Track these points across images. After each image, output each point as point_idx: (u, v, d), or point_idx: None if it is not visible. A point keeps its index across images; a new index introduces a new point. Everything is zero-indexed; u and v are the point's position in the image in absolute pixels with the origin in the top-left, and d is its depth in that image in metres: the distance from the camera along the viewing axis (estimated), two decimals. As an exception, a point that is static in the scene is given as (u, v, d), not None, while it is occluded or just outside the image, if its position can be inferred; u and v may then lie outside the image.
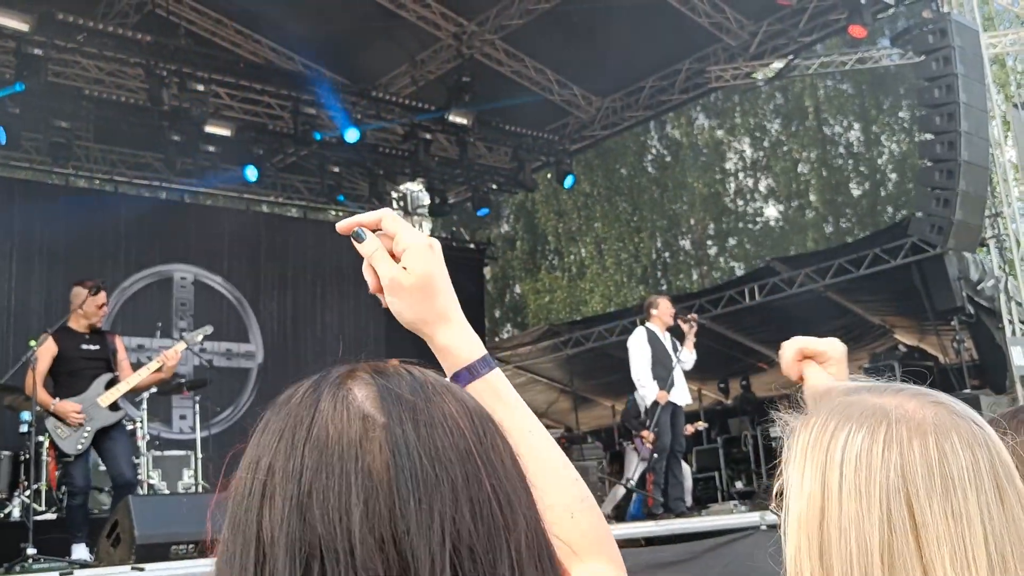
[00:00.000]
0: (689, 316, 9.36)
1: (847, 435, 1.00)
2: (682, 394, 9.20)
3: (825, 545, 0.98)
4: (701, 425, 12.93)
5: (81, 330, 7.12)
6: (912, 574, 0.93)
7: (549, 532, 0.88)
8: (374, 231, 1.16)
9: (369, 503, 0.77)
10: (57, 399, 6.84)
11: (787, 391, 1.37)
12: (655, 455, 9.01)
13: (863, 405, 1.03)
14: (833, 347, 1.48)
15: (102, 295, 7.20)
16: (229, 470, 0.86)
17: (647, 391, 8.99)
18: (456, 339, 1.16)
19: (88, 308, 7.08)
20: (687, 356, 9.21)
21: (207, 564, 0.87)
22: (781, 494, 1.06)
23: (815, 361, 1.48)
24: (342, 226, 1.17)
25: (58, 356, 6.96)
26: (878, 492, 0.96)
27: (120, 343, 7.35)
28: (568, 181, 14.90)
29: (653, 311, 9.31)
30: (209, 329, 7.61)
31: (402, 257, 1.14)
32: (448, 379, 1.10)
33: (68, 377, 7.00)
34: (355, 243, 1.16)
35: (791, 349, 1.49)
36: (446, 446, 0.81)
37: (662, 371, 8.98)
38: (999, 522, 0.94)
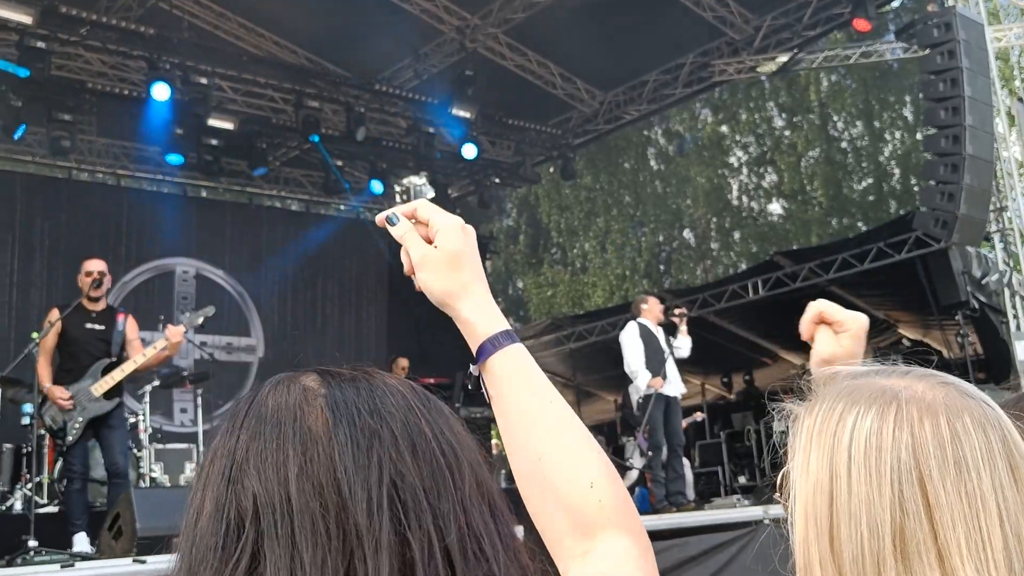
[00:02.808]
0: (677, 311, 9.49)
1: (855, 417, 0.98)
2: (675, 385, 9.23)
3: (835, 530, 0.96)
4: (699, 416, 12.89)
5: (88, 307, 7.13)
6: (926, 556, 0.92)
7: (501, 494, 0.92)
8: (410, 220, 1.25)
9: (307, 454, 0.82)
10: (47, 385, 6.85)
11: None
12: (650, 452, 9.03)
13: (871, 387, 1.01)
14: (853, 319, 1.45)
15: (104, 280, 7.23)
16: None
17: (640, 380, 9.03)
18: (479, 313, 1.20)
19: (85, 290, 7.12)
20: (683, 342, 9.32)
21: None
22: (785, 484, 1.04)
23: (832, 329, 1.46)
24: (380, 218, 1.25)
25: (62, 332, 6.98)
26: (889, 473, 0.94)
27: (131, 324, 7.31)
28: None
29: (643, 306, 9.45)
30: (211, 310, 7.54)
31: (435, 237, 1.21)
32: (473, 352, 1.18)
33: (69, 358, 7.03)
34: (388, 228, 1.23)
35: (812, 310, 1.48)
36: (387, 403, 0.87)
37: (655, 364, 9.04)
38: (1013, 502, 0.93)
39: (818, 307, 1.47)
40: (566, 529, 1.06)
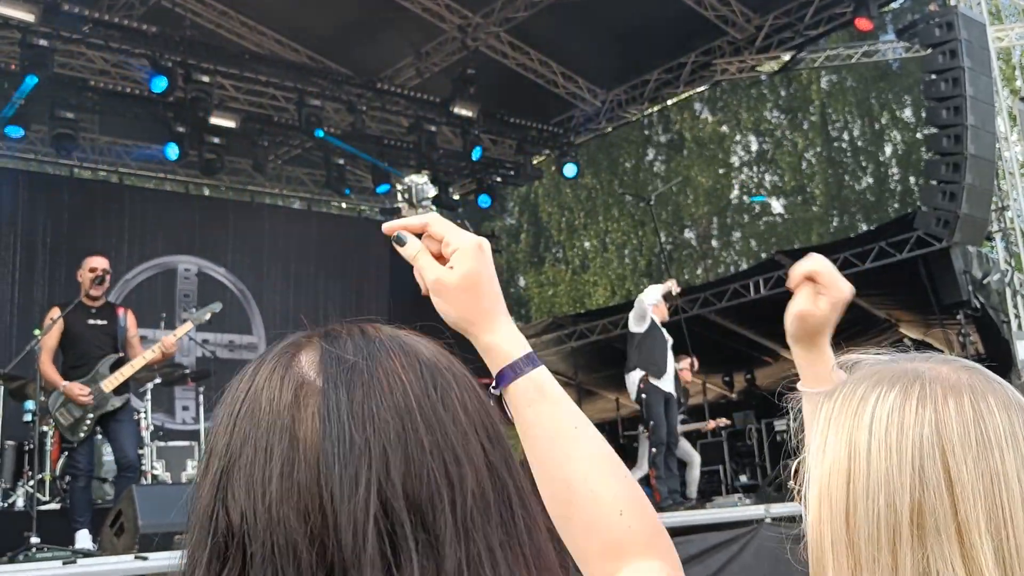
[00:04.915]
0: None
1: (877, 396, 0.98)
2: (673, 383, 9.24)
3: (851, 508, 0.95)
4: (723, 422, 12.49)
5: (88, 303, 7.13)
6: (945, 531, 0.91)
7: (524, 482, 0.88)
8: (419, 236, 1.16)
9: (294, 474, 0.78)
10: (63, 384, 6.86)
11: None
12: (653, 449, 9.01)
13: (894, 369, 1.01)
14: (838, 289, 1.50)
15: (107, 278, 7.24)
16: None
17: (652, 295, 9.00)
18: (499, 338, 1.13)
19: (86, 286, 7.12)
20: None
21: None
22: (799, 472, 1.04)
23: (816, 288, 1.49)
24: (388, 227, 1.17)
25: (64, 330, 6.98)
26: (911, 449, 0.94)
27: (131, 319, 7.32)
28: (571, 170, 14.76)
29: None
30: (217, 307, 7.55)
31: (451, 258, 1.13)
32: (493, 377, 1.12)
33: (75, 355, 7.02)
34: (397, 247, 1.16)
35: (809, 264, 1.50)
36: (382, 407, 0.82)
37: (659, 357, 9.03)
38: None
39: (816, 264, 1.49)
40: (595, 554, 1.05)
